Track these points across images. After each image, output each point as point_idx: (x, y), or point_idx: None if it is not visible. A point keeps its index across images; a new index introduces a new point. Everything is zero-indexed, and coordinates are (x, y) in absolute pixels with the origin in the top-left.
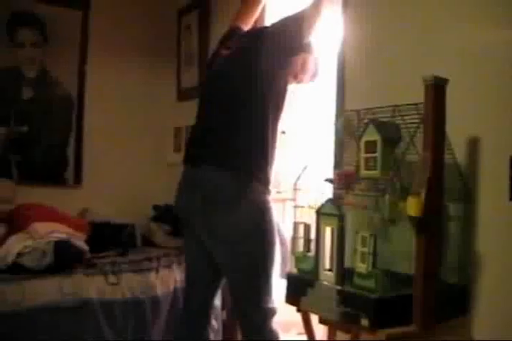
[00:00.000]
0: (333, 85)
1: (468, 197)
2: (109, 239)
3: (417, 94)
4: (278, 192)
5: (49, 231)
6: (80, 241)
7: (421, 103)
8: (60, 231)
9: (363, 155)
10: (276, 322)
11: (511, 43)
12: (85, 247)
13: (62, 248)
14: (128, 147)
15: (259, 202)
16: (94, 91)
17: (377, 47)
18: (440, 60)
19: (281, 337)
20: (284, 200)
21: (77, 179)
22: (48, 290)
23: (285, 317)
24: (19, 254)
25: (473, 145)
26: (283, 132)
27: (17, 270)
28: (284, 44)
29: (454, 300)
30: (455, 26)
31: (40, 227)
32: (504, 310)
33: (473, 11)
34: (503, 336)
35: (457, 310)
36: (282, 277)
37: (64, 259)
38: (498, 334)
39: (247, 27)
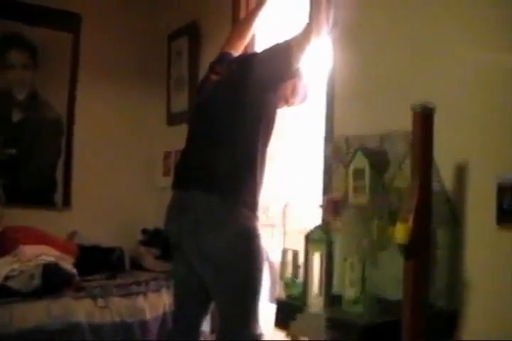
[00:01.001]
0: (322, 110)
1: (455, 222)
2: (98, 263)
3: (407, 120)
4: (267, 218)
5: (37, 254)
6: (68, 264)
7: (409, 131)
8: (48, 254)
9: (351, 182)
10: None
11: (499, 69)
12: (74, 270)
13: (50, 271)
14: (117, 170)
15: (247, 229)
16: (85, 115)
17: (366, 73)
18: (429, 86)
19: None
20: (272, 225)
21: (66, 202)
22: (36, 314)
23: None
24: (7, 277)
25: (461, 171)
26: (272, 157)
27: (4, 293)
28: (274, 70)
29: (443, 325)
30: (443, 53)
31: (28, 250)
32: (493, 334)
33: (459, 37)
34: None
35: (446, 335)
36: (271, 302)
37: (52, 282)
38: None
39: (237, 53)
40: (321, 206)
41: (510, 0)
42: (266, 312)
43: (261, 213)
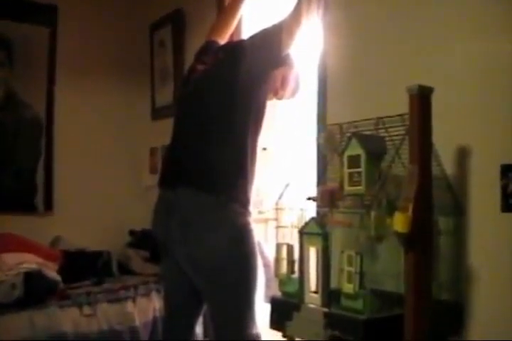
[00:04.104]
0: (315, 99)
1: (458, 209)
2: (84, 268)
3: (402, 106)
4: (260, 212)
5: (18, 263)
6: (51, 271)
7: (406, 114)
8: (31, 262)
9: (346, 170)
10: None
11: (496, 52)
12: (58, 278)
13: (33, 279)
14: (102, 170)
15: (239, 225)
16: (64, 113)
17: (359, 58)
18: (425, 70)
19: None
20: (266, 220)
21: (48, 206)
22: (19, 325)
23: None
24: None
25: (462, 156)
26: (264, 149)
27: None
28: (264, 57)
29: (448, 318)
30: (440, 36)
31: (9, 258)
32: (499, 326)
33: (457, 21)
34: None
35: (451, 328)
36: (267, 301)
37: (35, 291)
38: None
39: (223, 40)
40: (310, 198)
41: None
42: (262, 312)
43: (254, 208)
